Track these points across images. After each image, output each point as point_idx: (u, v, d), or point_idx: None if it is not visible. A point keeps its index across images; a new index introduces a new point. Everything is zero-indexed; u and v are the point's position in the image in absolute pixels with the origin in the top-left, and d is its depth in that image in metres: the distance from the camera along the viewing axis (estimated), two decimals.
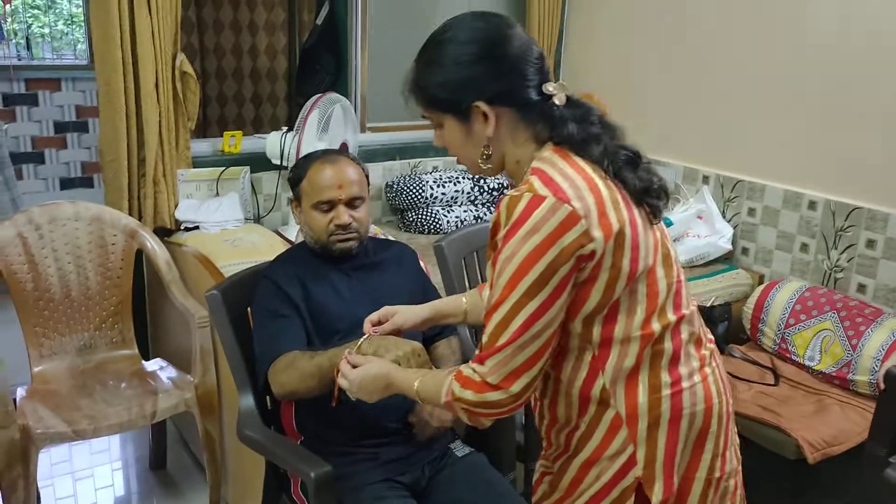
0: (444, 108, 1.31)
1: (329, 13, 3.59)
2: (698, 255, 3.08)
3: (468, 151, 1.33)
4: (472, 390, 1.24)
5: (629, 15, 3.55)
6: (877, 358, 2.48)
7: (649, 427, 1.26)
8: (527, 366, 1.21)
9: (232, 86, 4.86)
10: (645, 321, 1.25)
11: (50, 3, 5.70)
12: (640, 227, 1.25)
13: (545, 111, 1.28)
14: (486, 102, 1.26)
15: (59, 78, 4.96)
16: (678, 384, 1.28)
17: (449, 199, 3.40)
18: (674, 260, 1.32)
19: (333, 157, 1.92)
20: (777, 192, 2.99)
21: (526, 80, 1.27)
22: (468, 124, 1.29)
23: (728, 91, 3.15)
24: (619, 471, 1.27)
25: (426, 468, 1.82)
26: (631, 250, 1.22)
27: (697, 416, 1.29)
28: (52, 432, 2.18)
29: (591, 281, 1.21)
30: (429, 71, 1.31)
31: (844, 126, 2.76)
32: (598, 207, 1.20)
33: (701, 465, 1.31)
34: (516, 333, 1.19)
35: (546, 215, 1.17)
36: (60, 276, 2.56)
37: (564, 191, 1.19)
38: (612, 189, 1.24)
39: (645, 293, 1.25)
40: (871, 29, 2.65)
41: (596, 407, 1.28)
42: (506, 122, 1.28)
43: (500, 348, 1.21)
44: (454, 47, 1.28)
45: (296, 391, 1.69)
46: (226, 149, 3.01)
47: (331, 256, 1.89)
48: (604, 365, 1.26)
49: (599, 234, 1.18)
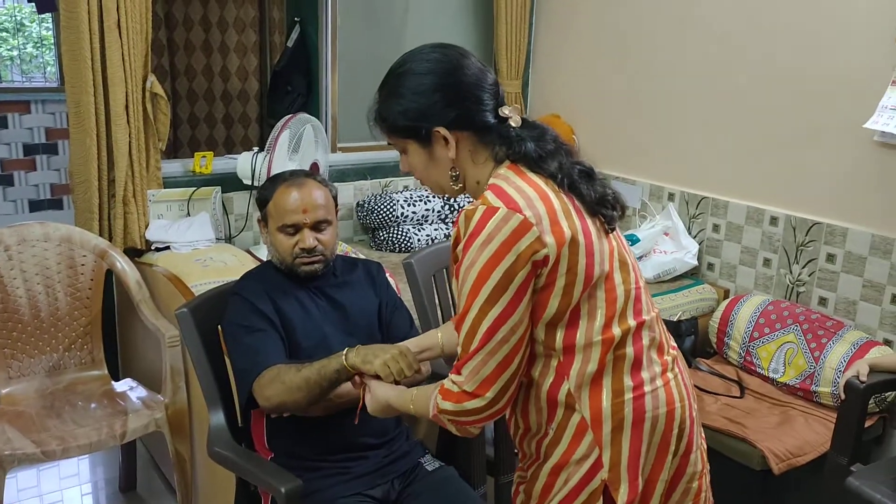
0: (406, 135, 1.38)
1: (300, 35, 3.63)
2: (665, 271, 3.13)
3: (431, 174, 1.41)
4: (451, 401, 1.30)
5: (595, 38, 3.63)
6: (838, 369, 2.54)
7: (613, 430, 1.30)
8: (499, 370, 1.26)
9: (203, 107, 4.87)
10: (605, 326, 1.31)
11: (19, 27, 5.68)
12: (593, 235, 1.31)
13: (502, 133, 1.36)
14: (445, 127, 1.34)
15: (29, 100, 4.93)
16: (640, 388, 1.33)
17: (419, 218, 3.43)
18: (632, 267, 1.38)
19: (300, 179, 1.92)
20: (740, 209, 3.06)
21: (482, 105, 1.35)
22: (430, 148, 1.37)
23: (691, 111, 3.23)
24: (586, 474, 1.32)
25: (396, 482, 1.83)
26: (586, 256, 1.28)
27: (660, 419, 1.34)
28: (21, 454, 2.16)
29: (549, 287, 1.27)
30: (390, 101, 1.39)
31: (802, 143, 2.84)
32: (550, 216, 1.26)
33: (665, 466, 1.35)
34: (484, 339, 1.25)
35: (499, 224, 1.24)
36: (29, 297, 2.55)
37: (516, 201, 1.26)
38: (563, 201, 1.31)
39: (604, 298, 1.31)
40: (827, 49, 2.74)
41: (563, 412, 1.32)
42: (465, 145, 1.36)
43: (471, 355, 1.27)
44: (412, 78, 1.36)
45: (283, 404, 1.70)
46: (197, 169, 3.02)
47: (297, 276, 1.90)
48: (568, 371, 1.31)
49: (552, 240, 1.25)
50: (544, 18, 3.85)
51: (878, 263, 2.65)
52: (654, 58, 3.35)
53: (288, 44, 3.70)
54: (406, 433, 1.96)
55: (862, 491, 2.02)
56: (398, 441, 1.91)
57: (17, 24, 5.67)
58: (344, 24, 3.43)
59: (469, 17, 3.79)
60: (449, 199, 3.50)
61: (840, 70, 2.70)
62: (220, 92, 4.87)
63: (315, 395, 1.66)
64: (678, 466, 1.38)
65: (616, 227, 1.38)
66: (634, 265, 1.40)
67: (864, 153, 2.66)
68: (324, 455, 1.80)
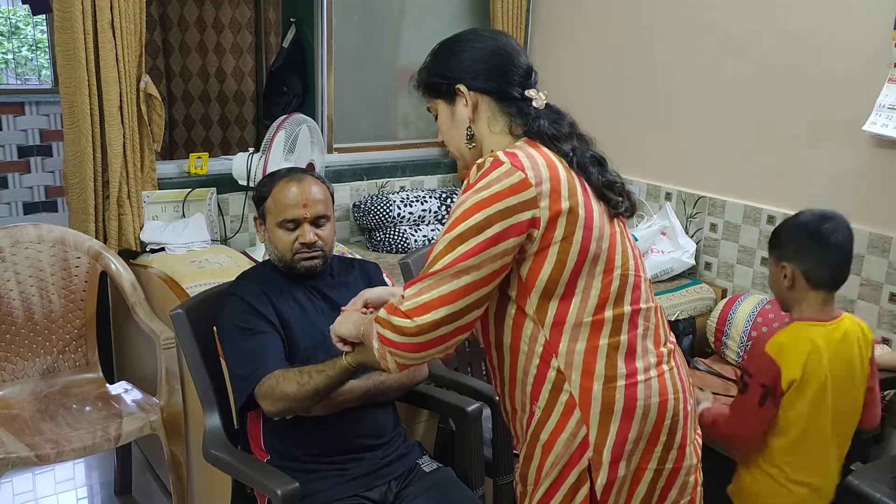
0: (433, 93, 1.48)
1: (295, 36, 3.61)
2: (662, 271, 3.12)
3: (452, 135, 1.48)
4: (387, 310, 1.31)
5: (591, 38, 3.62)
6: None
7: (602, 412, 1.31)
8: (439, 302, 1.26)
9: (199, 109, 4.86)
10: (598, 307, 1.33)
11: (14, 29, 5.67)
12: (595, 213, 1.34)
13: (522, 108, 1.42)
14: (465, 86, 1.42)
15: (23, 102, 4.91)
16: (633, 376, 1.33)
17: (416, 219, 3.42)
18: (634, 256, 1.40)
19: (299, 175, 1.93)
20: (737, 208, 3.05)
21: (506, 77, 1.42)
22: (453, 107, 1.45)
23: (688, 111, 3.22)
24: (574, 454, 1.33)
25: (394, 483, 1.82)
26: (583, 230, 1.31)
27: (652, 409, 1.34)
28: (14, 457, 2.14)
29: (542, 251, 1.30)
30: (422, 67, 1.51)
31: (799, 142, 2.83)
32: (553, 184, 1.30)
33: (654, 456, 1.36)
34: (440, 268, 1.27)
35: (500, 177, 1.28)
36: (23, 300, 2.53)
37: (522, 162, 1.30)
38: (572, 176, 1.34)
39: (600, 279, 1.33)
40: (824, 48, 2.73)
41: (551, 390, 1.33)
42: (484, 109, 1.43)
43: (422, 277, 1.29)
44: (443, 46, 1.48)
45: (290, 409, 1.70)
46: (192, 170, 3.01)
47: (295, 274, 1.89)
48: (556, 348, 1.32)
49: (546, 204, 1.28)
50: (540, 19, 3.84)
51: (875, 262, 2.64)
52: (650, 57, 3.35)
53: (283, 44, 3.68)
54: (403, 435, 1.96)
55: (861, 490, 2.00)
56: (395, 442, 1.90)
57: (12, 27, 5.65)
58: (340, 25, 3.42)
59: (465, 17, 3.78)
60: (446, 199, 3.49)
61: (837, 69, 2.70)
62: (217, 93, 4.86)
63: (322, 398, 1.68)
64: (676, 459, 1.38)
65: (622, 215, 1.42)
66: (637, 256, 1.42)
67: (861, 152, 2.66)
68: (321, 457, 1.79)
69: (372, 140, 3.62)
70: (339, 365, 1.60)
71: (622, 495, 1.35)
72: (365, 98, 3.52)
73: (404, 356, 1.29)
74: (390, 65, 3.61)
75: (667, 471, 1.37)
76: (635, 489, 1.35)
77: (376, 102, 3.62)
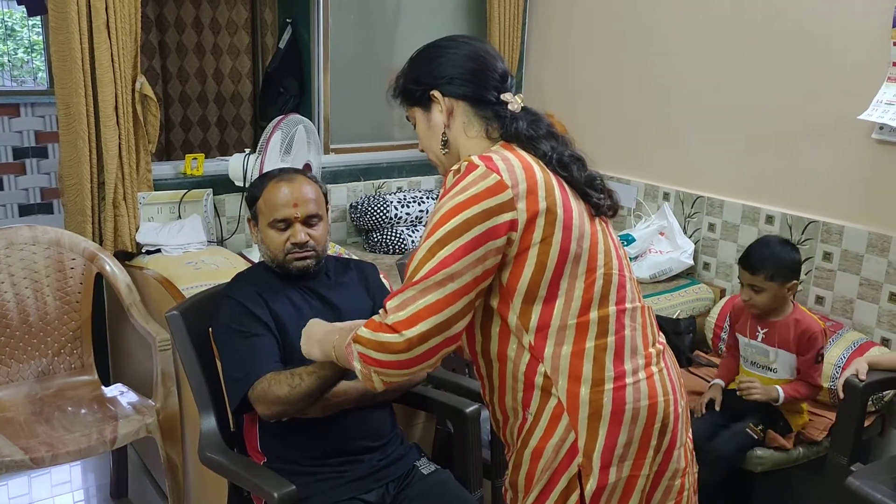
0: (409, 100, 1.48)
1: (292, 37, 3.60)
2: (661, 271, 3.11)
3: (429, 142, 1.47)
4: (370, 328, 1.26)
5: (588, 38, 3.61)
6: (837, 366, 2.52)
7: (590, 417, 1.29)
8: (427, 313, 1.23)
9: (196, 110, 4.85)
10: (582, 308, 1.31)
11: (9, 31, 5.65)
12: (575, 212, 1.33)
13: (498, 112, 1.42)
14: (439, 91, 1.42)
15: (18, 103, 4.89)
16: (622, 379, 1.31)
17: (413, 219, 3.41)
18: (619, 255, 1.39)
19: (290, 175, 1.92)
20: (735, 208, 3.05)
21: (482, 81, 1.42)
22: (429, 113, 1.45)
23: (686, 110, 3.21)
24: (563, 460, 1.30)
25: (391, 486, 1.80)
26: (563, 230, 1.29)
27: (641, 412, 1.32)
28: (9, 460, 2.12)
29: (522, 254, 1.28)
30: (403, 69, 1.51)
31: (798, 141, 2.83)
32: (529, 184, 1.29)
33: (646, 461, 1.34)
34: (422, 276, 1.24)
35: (476, 180, 1.27)
36: (18, 302, 2.51)
37: (497, 164, 1.29)
38: (549, 177, 1.33)
39: (583, 279, 1.31)
40: (822, 46, 2.73)
41: (540, 396, 1.31)
42: (460, 115, 1.43)
43: (405, 287, 1.26)
44: (419, 53, 1.48)
45: (285, 412, 1.68)
46: (188, 171, 2.99)
47: (290, 275, 1.88)
48: (542, 353, 1.30)
49: (523, 206, 1.27)
50: (537, 18, 3.83)
51: (875, 261, 2.63)
52: (648, 57, 3.34)
53: (280, 45, 3.67)
54: (401, 436, 1.94)
55: (862, 490, 2.00)
56: (393, 444, 1.89)
57: (7, 30, 5.64)
58: (336, 25, 3.41)
59: (462, 17, 3.78)
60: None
61: (836, 67, 2.69)
62: (213, 95, 4.85)
63: (315, 399, 1.66)
64: (661, 462, 1.36)
65: (604, 214, 1.41)
66: (621, 255, 1.41)
67: (860, 151, 2.65)
68: (318, 459, 1.78)
69: (369, 141, 3.61)
70: (329, 365, 1.58)
71: (612, 502, 1.33)
72: (361, 99, 3.50)
73: (392, 374, 1.25)
74: (387, 65, 3.60)
75: (652, 474, 1.35)
76: (629, 498, 1.33)
77: (373, 103, 3.60)
